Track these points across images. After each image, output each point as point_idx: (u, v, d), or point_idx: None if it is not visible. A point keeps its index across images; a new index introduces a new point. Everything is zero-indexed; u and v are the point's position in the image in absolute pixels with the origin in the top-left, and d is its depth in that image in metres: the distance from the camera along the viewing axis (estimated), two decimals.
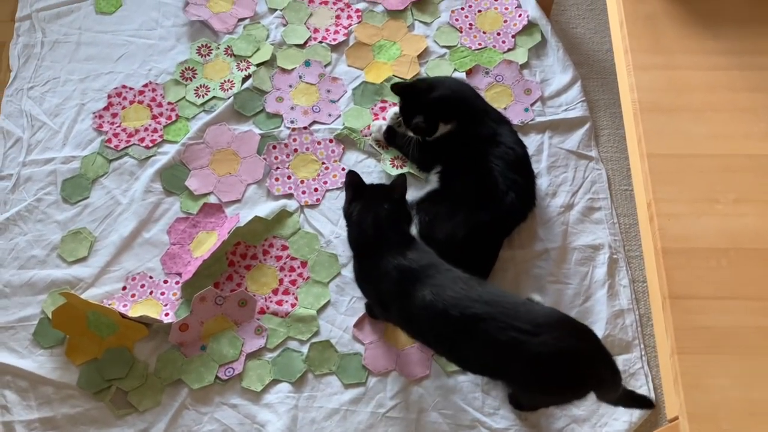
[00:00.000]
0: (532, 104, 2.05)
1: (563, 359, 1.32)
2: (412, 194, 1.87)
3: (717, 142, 1.22)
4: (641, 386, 1.69)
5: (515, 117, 2.02)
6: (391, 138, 1.96)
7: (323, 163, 1.97)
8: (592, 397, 1.48)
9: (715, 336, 1.06)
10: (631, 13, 1.32)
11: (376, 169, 1.96)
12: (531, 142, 1.98)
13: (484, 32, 2.17)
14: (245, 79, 2.09)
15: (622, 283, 1.81)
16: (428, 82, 1.86)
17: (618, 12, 1.34)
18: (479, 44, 2.15)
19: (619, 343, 1.74)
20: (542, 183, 1.93)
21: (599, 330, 1.74)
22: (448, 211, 1.74)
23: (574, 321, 1.39)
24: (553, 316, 1.36)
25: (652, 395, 1.68)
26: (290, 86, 2.08)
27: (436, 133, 1.82)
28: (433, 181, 1.86)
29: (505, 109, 2.03)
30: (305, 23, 2.19)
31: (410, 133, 1.86)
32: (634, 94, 1.26)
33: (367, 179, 1.93)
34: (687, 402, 1.00)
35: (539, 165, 1.95)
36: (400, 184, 1.56)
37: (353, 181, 1.59)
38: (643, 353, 1.73)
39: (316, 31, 2.18)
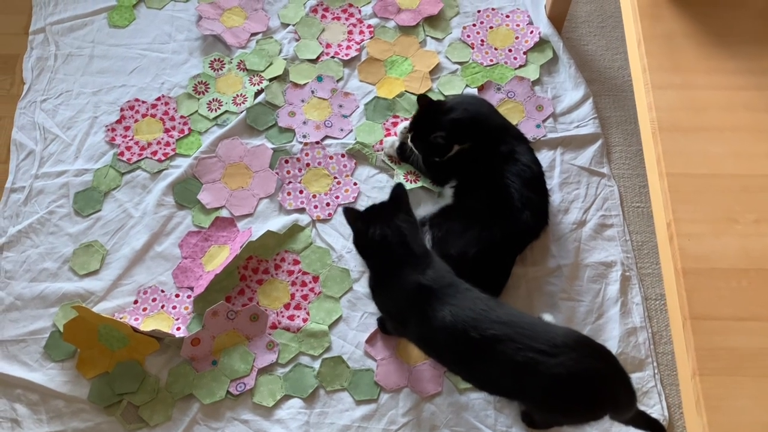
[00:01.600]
0: (544, 120, 2.05)
1: (581, 381, 1.32)
2: (426, 209, 1.88)
3: (736, 162, 1.21)
4: (654, 405, 1.68)
5: (527, 133, 2.01)
6: (404, 153, 1.96)
7: (335, 178, 1.97)
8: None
9: (736, 357, 1.05)
10: (649, 32, 1.32)
11: (389, 184, 1.96)
12: (543, 158, 1.98)
13: (496, 48, 2.18)
14: (258, 93, 2.09)
15: (634, 301, 1.81)
16: (449, 104, 1.84)
17: (635, 31, 1.34)
18: (491, 60, 2.16)
19: (632, 361, 1.73)
20: (554, 199, 1.93)
21: (612, 348, 1.73)
22: (462, 227, 1.74)
23: (592, 342, 1.39)
24: (572, 337, 1.36)
25: (666, 414, 1.67)
26: (302, 101, 2.09)
27: (450, 153, 1.82)
28: (447, 196, 1.85)
29: (517, 125, 2.03)
30: (318, 38, 2.20)
31: (416, 150, 1.87)
32: (653, 113, 1.26)
33: (380, 194, 1.94)
34: (710, 424, 0.99)
35: (551, 181, 1.95)
36: (401, 194, 1.52)
37: (354, 216, 1.53)
38: (656, 371, 1.72)
39: (328, 46, 2.19)
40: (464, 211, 1.77)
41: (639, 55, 1.32)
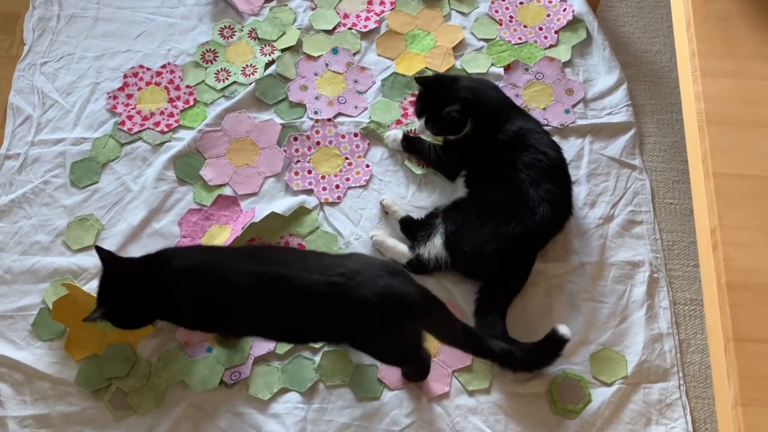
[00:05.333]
0: (574, 106, 1.92)
1: (380, 298, 1.33)
2: (440, 200, 1.78)
3: None
4: (678, 418, 1.56)
5: (555, 118, 1.89)
6: (409, 145, 1.84)
7: (346, 159, 1.85)
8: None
9: None
10: (701, 13, 1.18)
11: (402, 168, 1.85)
12: (570, 146, 1.85)
13: (526, 26, 2.04)
14: (269, 64, 1.98)
15: (662, 305, 1.68)
16: (452, 76, 1.77)
17: (685, 10, 1.20)
18: (519, 38, 2.02)
19: (656, 370, 1.61)
20: (580, 191, 1.80)
21: (635, 354, 1.62)
22: (477, 221, 1.62)
23: (380, 260, 1.48)
24: (361, 260, 1.43)
25: (690, 429, 1.55)
26: (316, 74, 1.96)
27: (465, 129, 1.71)
28: (459, 188, 1.74)
29: (544, 109, 1.90)
30: (335, 8, 2.07)
31: (428, 136, 1.77)
32: (701, 104, 1.12)
33: (392, 177, 1.83)
34: None
35: (578, 172, 1.82)
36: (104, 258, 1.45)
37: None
38: (681, 382, 1.60)
39: (345, 16, 2.06)
40: (478, 204, 1.65)
41: (687, 37, 1.18)
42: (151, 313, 1.46)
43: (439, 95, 1.70)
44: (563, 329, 1.53)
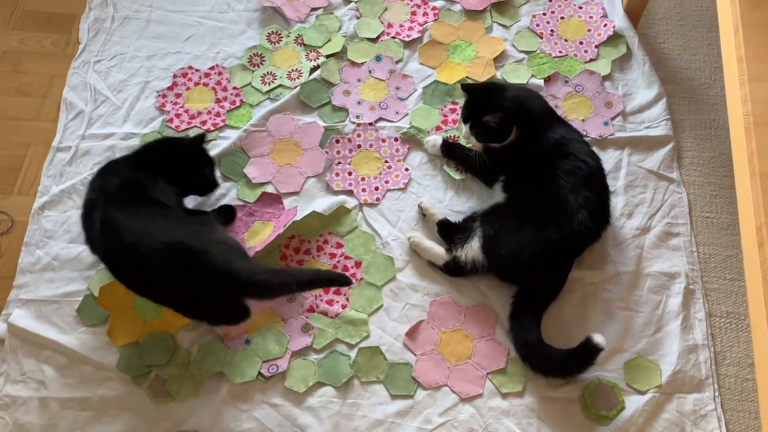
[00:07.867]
0: (613, 118, 1.93)
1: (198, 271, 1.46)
2: (477, 205, 1.80)
3: None
4: (713, 430, 1.55)
5: (593, 130, 1.91)
6: (449, 151, 1.86)
7: (386, 162, 1.88)
8: None
9: None
10: (749, 20, 1.20)
11: (441, 172, 1.87)
12: (609, 158, 1.87)
13: (566, 40, 2.07)
14: (313, 69, 2.02)
15: (697, 317, 1.68)
16: (499, 85, 1.78)
17: (733, 17, 1.22)
18: (560, 52, 2.04)
19: (690, 380, 1.60)
20: (618, 202, 1.81)
21: (669, 364, 1.61)
22: (515, 226, 1.63)
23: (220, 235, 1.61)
24: (198, 233, 1.54)
25: None
26: (359, 80, 2.01)
27: (509, 137, 1.72)
28: (497, 193, 1.76)
29: (583, 121, 1.92)
30: (379, 17, 2.12)
31: (473, 143, 1.78)
32: (747, 107, 1.14)
33: (431, 181, 1.86)
34: None
35: (616, 183, 1.84)
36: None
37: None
38: (716, 394, 1.59)
39: (389, 26, 2.10)
40: (517, 210, 1.67)
41: (735, 43, 1.20)
42: None
43: (484, 103, 1.72)
44: (598, 338, 1.54)
